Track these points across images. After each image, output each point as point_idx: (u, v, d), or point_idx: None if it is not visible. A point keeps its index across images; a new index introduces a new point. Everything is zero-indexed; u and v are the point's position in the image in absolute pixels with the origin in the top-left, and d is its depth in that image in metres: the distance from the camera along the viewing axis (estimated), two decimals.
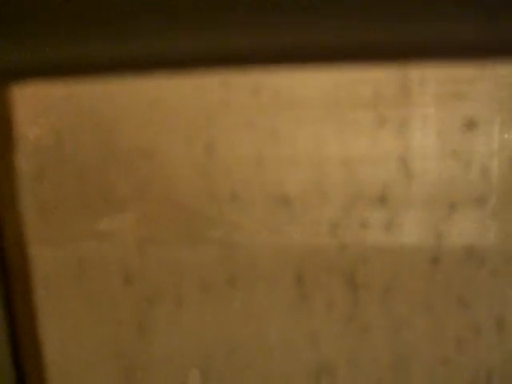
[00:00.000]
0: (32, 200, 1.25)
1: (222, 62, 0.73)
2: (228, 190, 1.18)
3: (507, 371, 1.19)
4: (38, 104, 1.20)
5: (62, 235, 1.32)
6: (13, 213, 1.06)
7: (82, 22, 0.76)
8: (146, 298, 1.31)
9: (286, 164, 1.14)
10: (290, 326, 1.27)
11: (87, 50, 0.77)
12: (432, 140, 1.09)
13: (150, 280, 1.29)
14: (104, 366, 1.37)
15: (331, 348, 1.27)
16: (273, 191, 1.16)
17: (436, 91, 1.05)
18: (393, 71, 1.00)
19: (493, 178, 1.11)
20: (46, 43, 0.78)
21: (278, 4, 0.69)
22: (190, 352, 1.33)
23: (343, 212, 1.16)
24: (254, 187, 1.16)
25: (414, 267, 1.19)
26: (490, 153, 1.09)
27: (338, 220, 1.17)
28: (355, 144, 1.11)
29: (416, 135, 1.08)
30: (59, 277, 1.33)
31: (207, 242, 1.25)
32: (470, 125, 1.06)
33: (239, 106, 1.09)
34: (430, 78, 1.04)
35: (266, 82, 1.04)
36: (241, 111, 1.10)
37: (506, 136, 1.07)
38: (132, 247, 1.28)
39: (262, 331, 1.28)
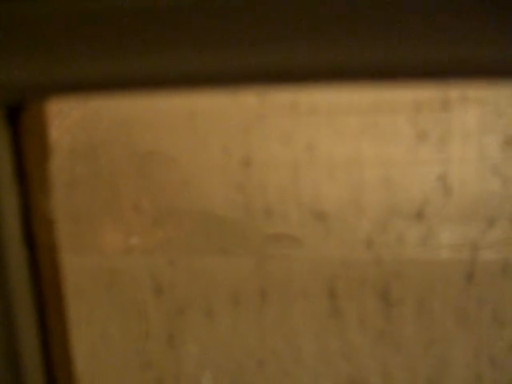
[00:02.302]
0: (65, 210, 1.25)
1: (260, 79, 0.73)
2: (263, 203, 1.17)
3: None
4: (74, 117, 1.20)
5: (94, 245, 1.32)
6: (47, 222, 1.06)
7: (117, 37, 0.76)
8: (176, 309, 1.30)
9: (323, 178, 1.13)
10: (323, 339, 1.26)
11: (124, 65, 0.77)
12: (472, 156, 1.08)
13: (180, 291, 1.29)
14: (133, 376, 1.36)
15: (363, 362, 1.25)
16: (308, 205, 1.15)
17: (477, 108, 1.04)
18: (434, 87, 0.99)
19: None
20: (83, 59, 0.78)
21: (319, 21, 0.68)
22: (220, 364, 1.33)
23: (379, 227, 1.15)
24: (289, 200, 1.16)
25: (448, 282, 1.17)
26: None
27: (374, 235, 1.16)
28: (394, 159, 1.10)
29: (456, 151, 1.07)
30: (90, 287, 1.32)
31: (240, 255, 1.24)
32: (511, 142, 1.04)
33: (276, 119, 1.09)
34: (471, 95, 1.03)
35: (304, 96, 1.03)
36: (277, 124, 1.09)
37: None
38: (163, 259, 1.28)
39: (293, 344, 1.27)
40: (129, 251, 1.30)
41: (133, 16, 0.73)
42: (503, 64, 0.65)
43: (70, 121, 1.19)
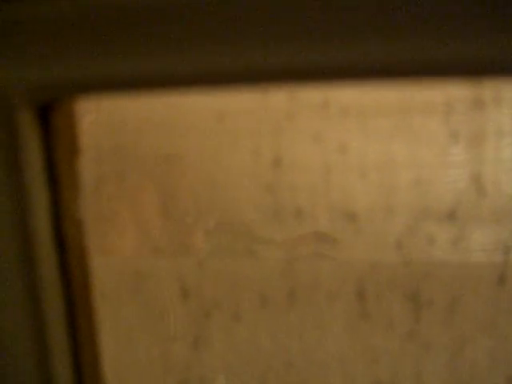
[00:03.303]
0: (91, 211, 1.25)
1: (290, 77, 0.72)
2: (293, 205, 1.16)
3: None
4: (102, 116, 1.20)
5: (120, 247, 1.32)
6: (76, 223, 1.06)
7: (145, 38, 0.76)
8: (202, 311, 1.30)
9: (354, 179, 1.12)
10: (350, 342, 1.25)
11: (152, 65, 0.76)
12: (506, 156, 1.06)
13: (207, 294, 1.28)
14: (160, 379, 1.36)
15: (391, 365, 1.24)
16: (339, 206, 1.14)
17: (511, 106, 1.03)
18: (466, 86, 0.98)
19: None
20: (112, 58, 0.78)
21: (348, 18, 0.67)
22: (247, 367, 1.32)
23: (410, 228, 1.14)
24: (319, 201, 1.15)
25: (479, 285, 1.16)
26: None
27: (404, 236, 1.15)
28: (426, 158, 1.09)
29: (489, 150, 1.06)
30: (116, 289, 1.32)
31: (268, 256, 1.23)
32: None
33: (306, 118, 1.08)
34: (504, 93, 1.01)
35: (335, 95, 1.02)
36: (308, 124, 1.08)
37: None
38: (190, 261, 1.27)
39: (320, 346, 1.27)
40: (155, 253, 1.30)
41: (161, 14, 0.73)
42: None
43: (98, 120, 1.19)
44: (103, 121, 1.21)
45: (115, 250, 1.32)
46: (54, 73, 0.81)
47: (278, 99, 1.05)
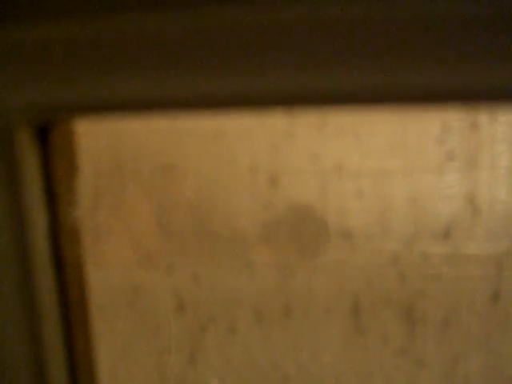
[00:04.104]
0: (88, 226, 1.25)
1: (287, 101, 0.73)
2: (290, 222, 1.17)
3: None
4: (100, 135, 1.21)
5: (116, 261, 1.32)
6: (74, 238, 1.07)
7: (143, 61, 0.77)
8: (198, 325, 1.30)
9: (350, 197, 1.13)
10: (345, 358, 1.26)
11: (149, 88, 0.77)
12: (501, 177, 1.07)
13: (203, 308, 1.29)
14: None
15: (386, 380, 1.25)
16: (334, 223, 1.15)
17: (506, 128, 1.04)
18: (462, 109, 0.99)
19: None
20: (110, 79, 0.79)
21: (346, 45, 0.68)
22: (242, 380, 1.33)
23: (405, 245, 1.15)
24: (316, 218, 1.16)
25: (473, 303, 1.17)
26: None
27: (399, 253, 1.15)
28: (421, 179, 1.09)
29: (484, 172, 1.07)
30: (112, 303, 1.33)
31: (264, 271, 1.24)
32: None
33: (303, 138, 1.09)
34: (500, 116, 1.03)
35: (331, 117, 1.03)
36: (305, 143, 1.09)
37: None
38: (186, 275, 1.28)
39: (315, 362, 1.27)
40: (151, 267, 1.30)
41: (158, 39, 0.74)
42: None
43: (97, 138, 1.20)
44: (101, 137, 1.22)
45: (112, 264, 1.33)
46: (52, 93, 0.82)
47: (276, 119, 1.06)
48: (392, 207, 1.11)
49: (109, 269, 1.32)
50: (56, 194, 0.98)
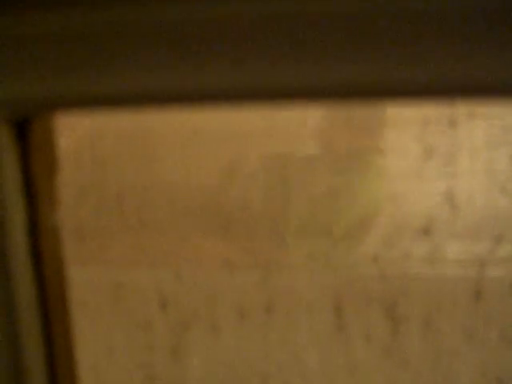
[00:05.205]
0: (71, 223, 1.25)
1: (265, 97, 0.73)
2: (269, 219, 1.17)
3: None
4: (80, 130, 1.20)
5: (100, 259, 1.32)
6: (53, 235, 1.06)
7: (120, 56, 0.76)
8: (181, 322, 1.30)
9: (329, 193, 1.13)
10: (328, 354, 1.25)
11: (127, 83, 0.77)
12: (479, 172, 1.08)
13: (185, 305, 1.29)
14: None
15: (368, 378, 1.25)
16: (317, 221, 1.16)
17: (484, 123, 1.04)
18: (441, 105, 0.99)
19: None
20: (88, 74, 0.79)
21: (327, 38, 0.68)
22: (224, 377, 1.32)
23: (386, 243, 1.15)
24: (297, 215, 1.16)
25: (455, 299, 1.17)
26: None
27: (380, 251, 1.15)
28: (401, 176, 1.10)
29: (463, 167, 1.07)
30: (95, 300, 1.32)
31: (246, 268, 1.24)
32: None
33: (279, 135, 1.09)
34: (477, 111, 1.03)
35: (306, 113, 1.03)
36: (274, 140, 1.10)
37: None
38: (169, 272, 1.28)
39: (298, 359, 1.27)
40: (134, 264, 1.30)
41: (137, 34, 0.73)
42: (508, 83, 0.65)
43: (77, 134, 1.19)
44: (83, 135, 1.22)
45: (95, 262, 1.33)
46: (30, 88, 0.81)
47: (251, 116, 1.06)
48: (372, 204, 1.12)
49: (93, 266, 1.32)
50: (35, 191, 0.98)
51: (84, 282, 1.28)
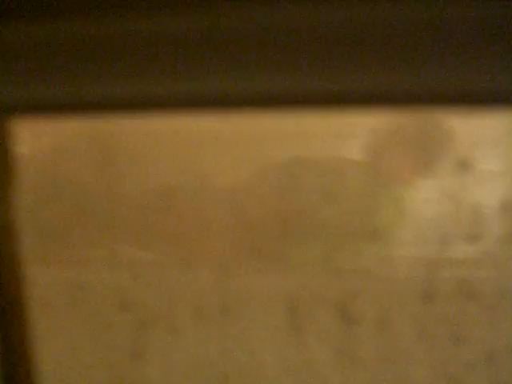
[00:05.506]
0: (31, 225, 1.26)
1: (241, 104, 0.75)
2: (224, 220, 1.19)
3: None
4: (39, 133, 1.22)
5: (59, 260, 1.33)
6: (10, 236, 1.08)
7: (94, 60, 0.77)
8: (140, 323, 1.32)
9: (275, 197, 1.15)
10: (284, 355, 1.27)
11: (95, 88, 0.78)
12: (426, 179, 1.10)
13: (145, 306, 1.30)
14: None
15: (324, 379, 1.27)
16: (274, 223, 1.18)
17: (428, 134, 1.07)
18: (387, 115, 1.02)
19: (485, 217, 1.12)
20: (49, 80, 0.80)
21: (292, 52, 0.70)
22: (184, 378, 1.34)
23: (336, 244, 1.17)
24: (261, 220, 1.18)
25: (407, 301, 1.19)
26: (483, 193, 1.10)
27: (331, 252, 1.18)
28: (350, 178, 1.12)
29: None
30: (55, 301, 1.34)
31: (201, 269, 1.26)
32: (463, 165, 1.07)
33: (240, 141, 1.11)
34: (423, 119, 1.05)
35: (271, 122, 1.05)
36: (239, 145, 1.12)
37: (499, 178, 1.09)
38: (128, 273, 1.29)
39: (255, 359, 1.29)
40: (94, 266, 1.32)
41: (105, 41, 0.75)
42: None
43: (38, 136, 1.21)
44: (45, 138, 1.23)
45: (55, 262, 1.34)
46: None
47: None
48: (323, 206, 1.14)
49: (53, 266, 1.33)
50: None
51: (44, 282, 1.29)
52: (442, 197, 1.09)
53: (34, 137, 1.18)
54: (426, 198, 1.13)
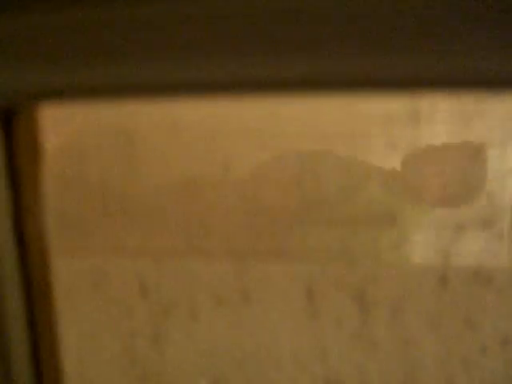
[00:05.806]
0: (54, 212, 1.28)
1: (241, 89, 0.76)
2: (243, 208, 1.22)
3: None
4: (64, 122, 1.24)
5: (82, 247, 1.35)
6: (36, 224, 1.09)
7: (106, 47, 0.78)
8: (161, 309, 1.34)
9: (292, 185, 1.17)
10: (301, 340, 1.30)
11: (114, 73, 0.79)
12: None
13: (165, 292, 1.33)
14: (119, 374, 1.40)
15: (340, 363, 1.29)
16: (293, 211, 1.20)
17: (446, 119, 1.08)
18: (404, 99, 1.04)
19: (501, 201, 1.14)
20: (75, 65, 0.81)
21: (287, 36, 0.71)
22: (202, 363, 1.36)
23: (353, 231, 1.19)
24: (269, 209, 1.20)
25: (422, 287, 1.21)
26: (498, 177, 1.12)
27: (348, 238, 1.20)
28: (366, 166, 1.14)
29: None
30: (78, 288, 1.36)
31: (221, 257, 1.28)
32: (478, 150, 1.09)
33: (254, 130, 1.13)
34: (440, 106, 1.07)
35: (281, 106, 1.07)
36: (257, 135, 1.14)
37: None
38: (149, 260, 1.31)
39: (272, 344, 1.31)
40: (115, 252, 1.34)
41: (122, 25, 0.76)
42: (470, 75, 0.68)
43: (64, 125, 1.23)
44: (70, 126, 1.25)
45: (77, 250, 1.36)
46: (15, 79, 0.83)
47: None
48: (339, 193, 1.16)
49: (74, 254, 1.35)
50: (20, 180, 1.00)
51: (67, 269, 1.32)
52: (458, 183, 1.11)
53: (61, 125, 1.20)
54: (442, 184, 1.15)
